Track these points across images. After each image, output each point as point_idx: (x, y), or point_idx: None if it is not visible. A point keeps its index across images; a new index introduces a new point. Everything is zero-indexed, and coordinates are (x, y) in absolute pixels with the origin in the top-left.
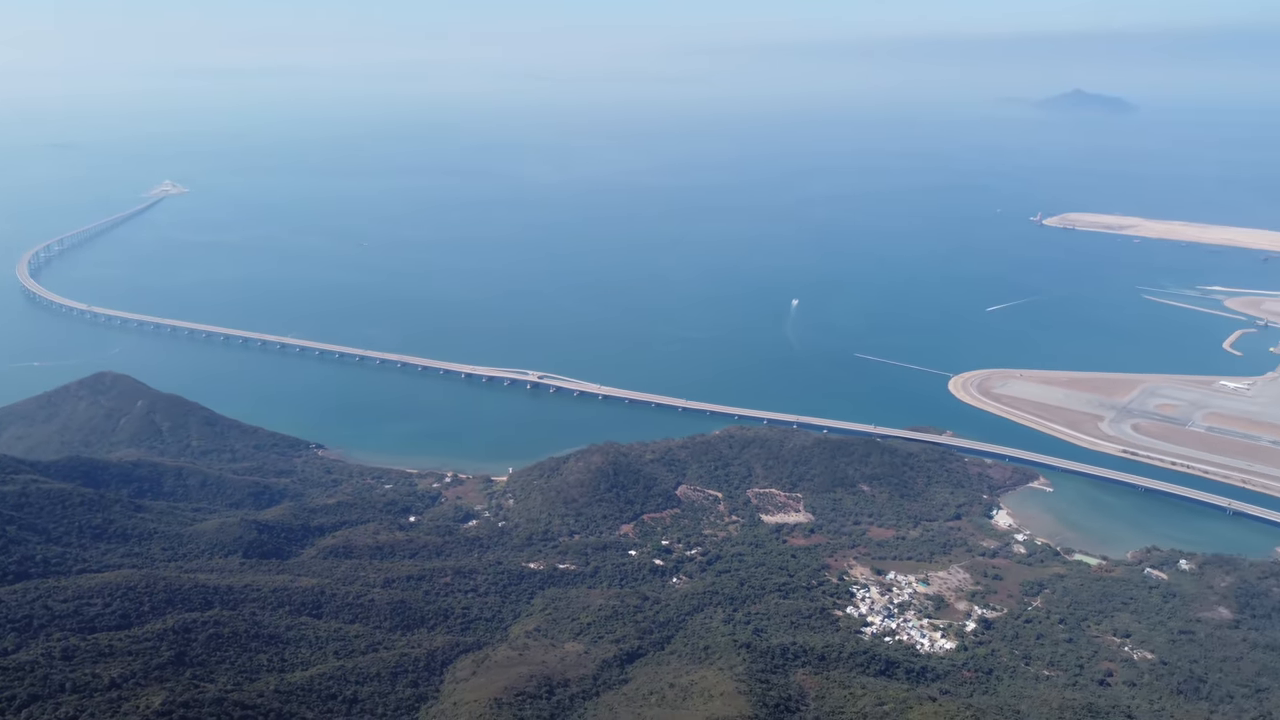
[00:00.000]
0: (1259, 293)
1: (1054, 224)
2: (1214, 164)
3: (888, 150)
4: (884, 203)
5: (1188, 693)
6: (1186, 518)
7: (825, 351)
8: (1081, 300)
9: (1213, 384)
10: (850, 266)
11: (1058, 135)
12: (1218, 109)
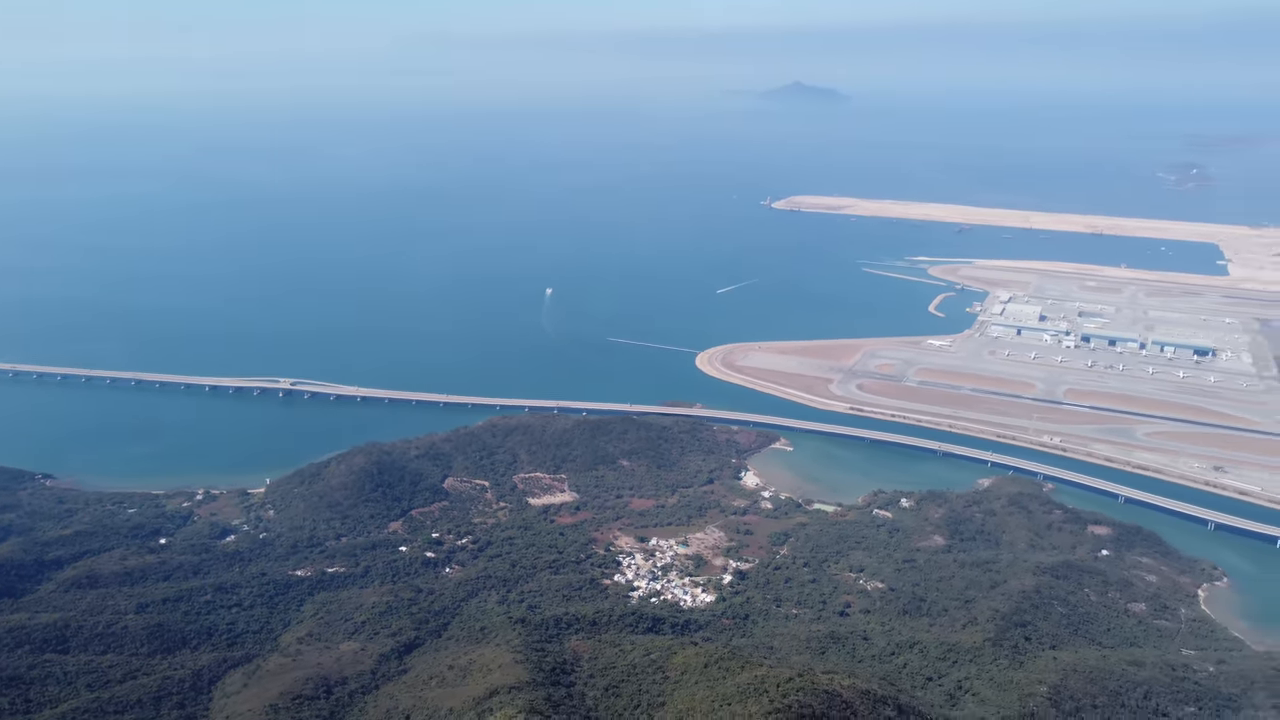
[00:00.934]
0: (955, 260)
1: (782, 207)
2: (915, 148)
3: (627, 142)
4: (626, 192)
5: (912, 611)
6: (906, 462)
7: (580, 337)
8: (809, 275)
9: (922, 343)
10: (600, 255)
11: (781, 125)
12: (916, 98)
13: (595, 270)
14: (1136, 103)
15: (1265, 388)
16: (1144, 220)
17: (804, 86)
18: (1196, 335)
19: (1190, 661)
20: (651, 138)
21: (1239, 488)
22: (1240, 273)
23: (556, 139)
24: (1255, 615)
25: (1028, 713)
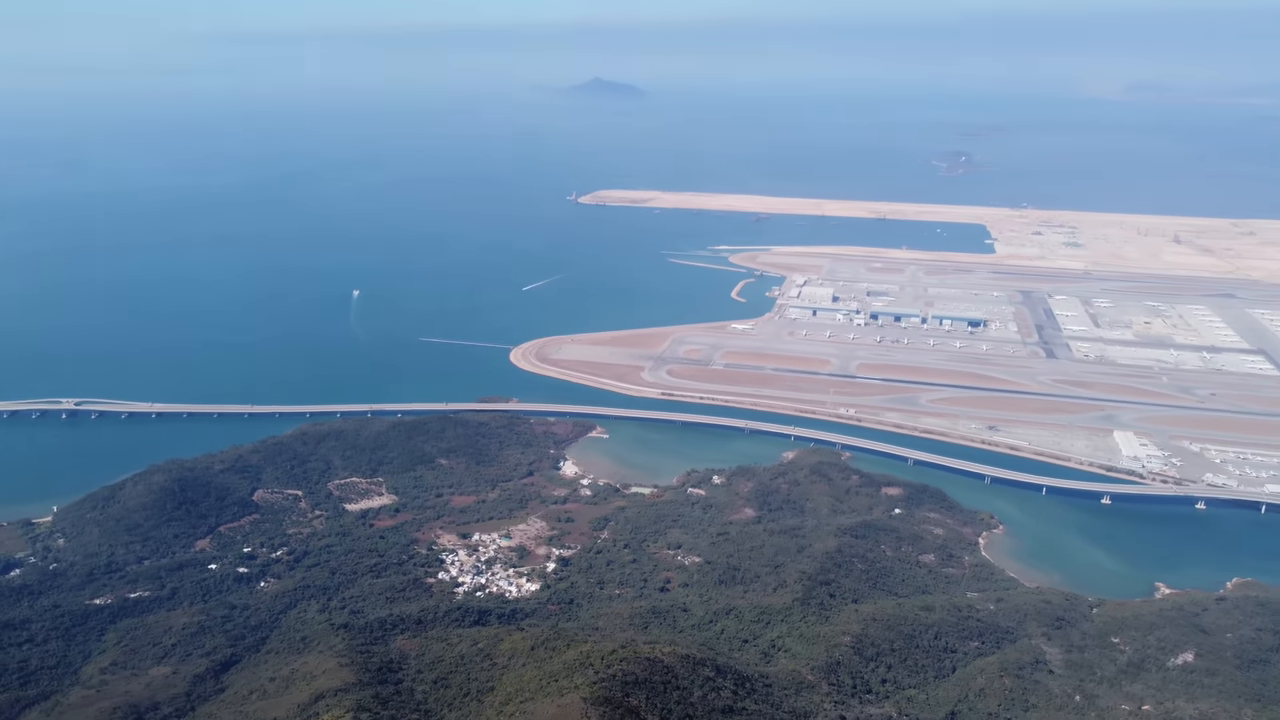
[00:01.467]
0: (754, 248)
1: (588, 201)
2: (712, 141)
3: (428, 139)
4: (429, 190)
5: (727, 581)
6: (716, 441)
7: (392, 338)
8: (617, 267)
9: (726, 328)
10: (406, 254)
11: (584, 120)
12: (711, 94)
13: (403, 270)
14: (911, 95)
15: (1029, 353)
16: (921, 205)
17: (604, 82)
18: (970, 309)
19: (974, 602)
20: (454, 134)
21: (1010, 444)
22: (1005, 250)
23: (353, 136)
24: (1026, 556)
25: (834, 661)
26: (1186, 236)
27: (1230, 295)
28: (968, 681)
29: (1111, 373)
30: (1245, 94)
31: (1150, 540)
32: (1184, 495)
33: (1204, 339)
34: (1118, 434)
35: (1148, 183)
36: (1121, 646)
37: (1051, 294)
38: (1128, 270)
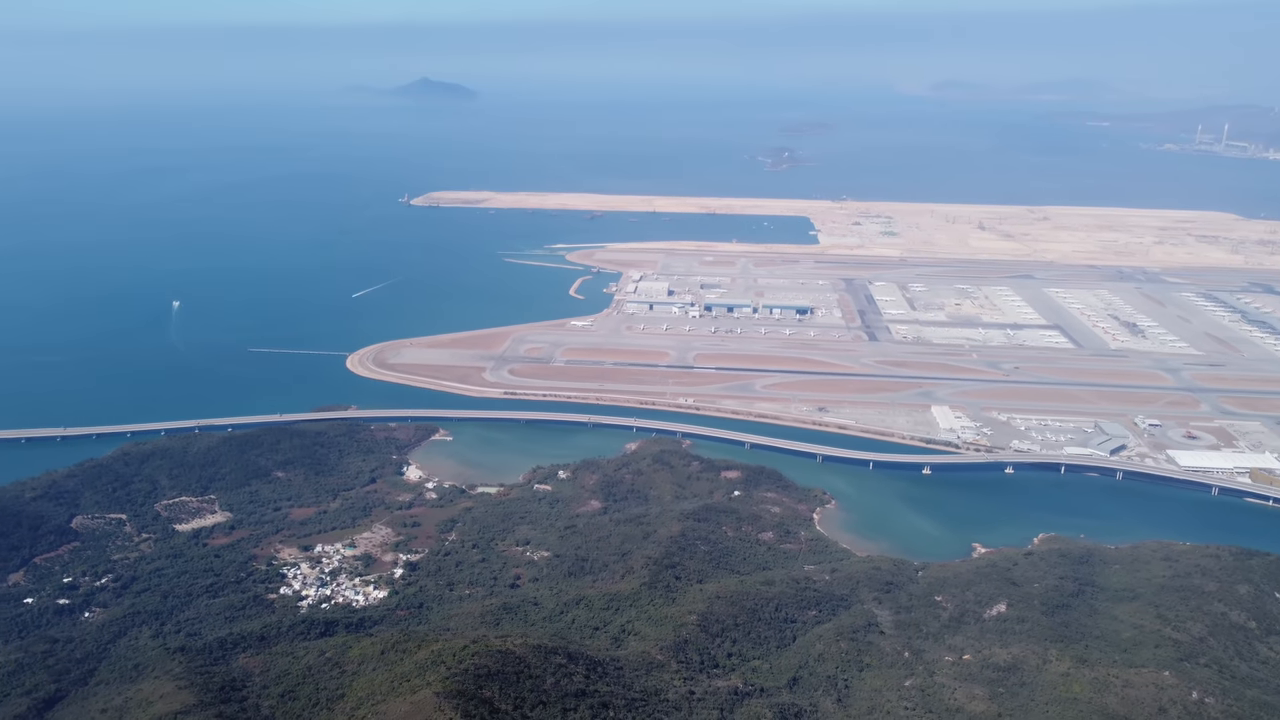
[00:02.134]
0: (590, 245)
1: (421, 203)
2: (546, 140)
3: (243, 144)
4: (252, 196)
5: (577, 573)
6: (561, 436)
7: (218, 350)
8: (453, 269)
9: (565, 325)
10: (230, 263)
11: (413, 121)
12: (542, 93)
13: (227, 279)
14: (738, 95)
15: (852, 337)
16: (749, 200)
17: (432, 82)
18: (798, 297)
19: (811, 574)
20: (276, 138)
21: (839, 423)
22: (828, 240)
23: (166, 144)
24: (857, 527)
25: (682, 640)
26: (989, 223)
27: (1029, 276)
28: (807, 648)
29: (928, 352)
30: (1040, 90)
31: (967, 505)
32: (994, 461)
33: (1007, 317)
34: (935, 409)
35: (955, 174)
36: (944, 604)
37: (872, 280)
38: (939, 256)
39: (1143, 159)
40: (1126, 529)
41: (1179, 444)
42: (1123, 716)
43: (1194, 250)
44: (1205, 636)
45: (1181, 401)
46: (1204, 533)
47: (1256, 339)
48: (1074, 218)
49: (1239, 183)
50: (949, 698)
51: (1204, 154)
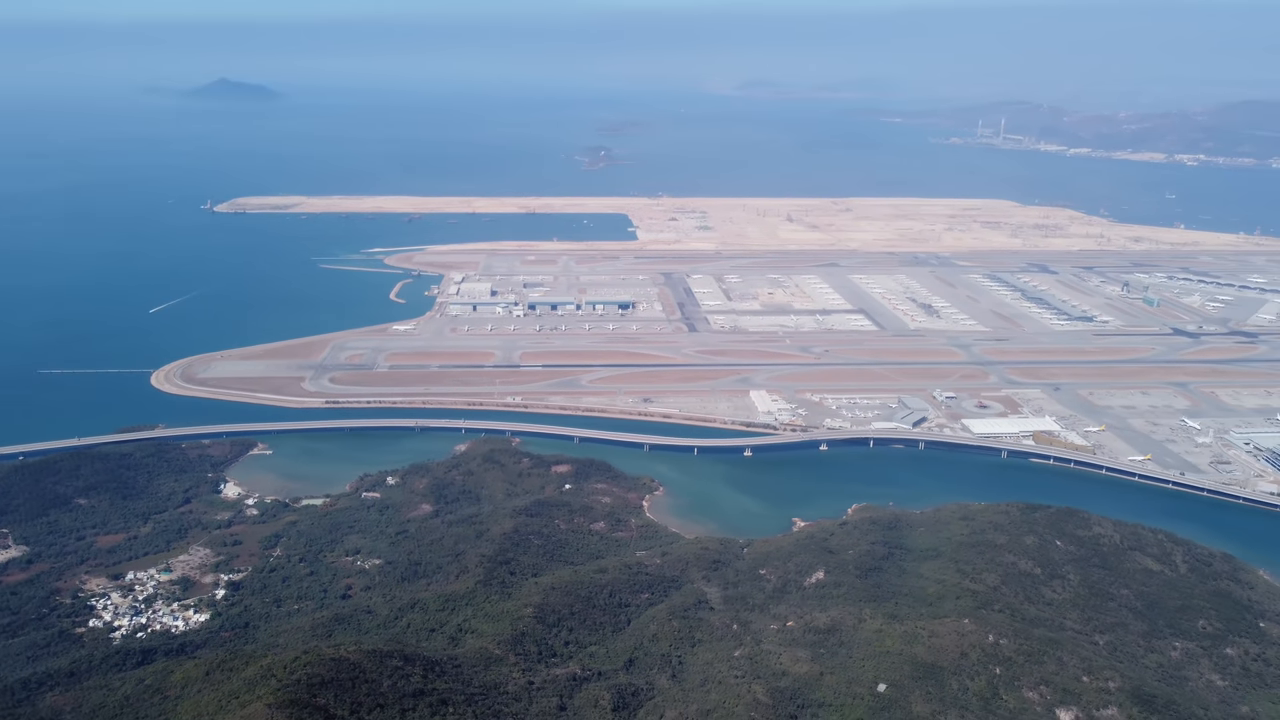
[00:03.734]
0: (409, 248)
1: (225, 210)
2: (359, 142)
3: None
4: (39, 208)
5: (410, 577)
6: (388, 443)
7: (3, 374)
8: (265, 277)
9: (387, 330)
10: (17, 281)
11: (213, 123)
12: (353, 93)
13: (10, 299)
14: (554, 95)
15: (673, 329)
16: (568, 198)
17: (231, 83)
18: (619, 292)
19: (642, 559)
20: (58, 143)
21: (663, 412)
22: (646, 236)
23: None
24: (685, 512)
25: (519, 633)
26: (797, 215)
27: (835, 264)
28: (641, 629)
29: (745, 340)
30: (838, 89)
31: (786, 482)
32: (810, 440)
33: (816, 304)
34: (753, 393)
35: (763, 169)
36: (768, 576)
37: (690, 274)
38: (751, 248)
39: (932, 152)
40: (929, 494)
41: (972, 413)
42: (930, 663)
43: (979, 235)
44: (999, 585)
45: (973, 374)
46: (996, 492)
47: (1035, 314)
48: (874, 208)
49: (1016, 172)
50: (775, 662)
51: (985, 147)
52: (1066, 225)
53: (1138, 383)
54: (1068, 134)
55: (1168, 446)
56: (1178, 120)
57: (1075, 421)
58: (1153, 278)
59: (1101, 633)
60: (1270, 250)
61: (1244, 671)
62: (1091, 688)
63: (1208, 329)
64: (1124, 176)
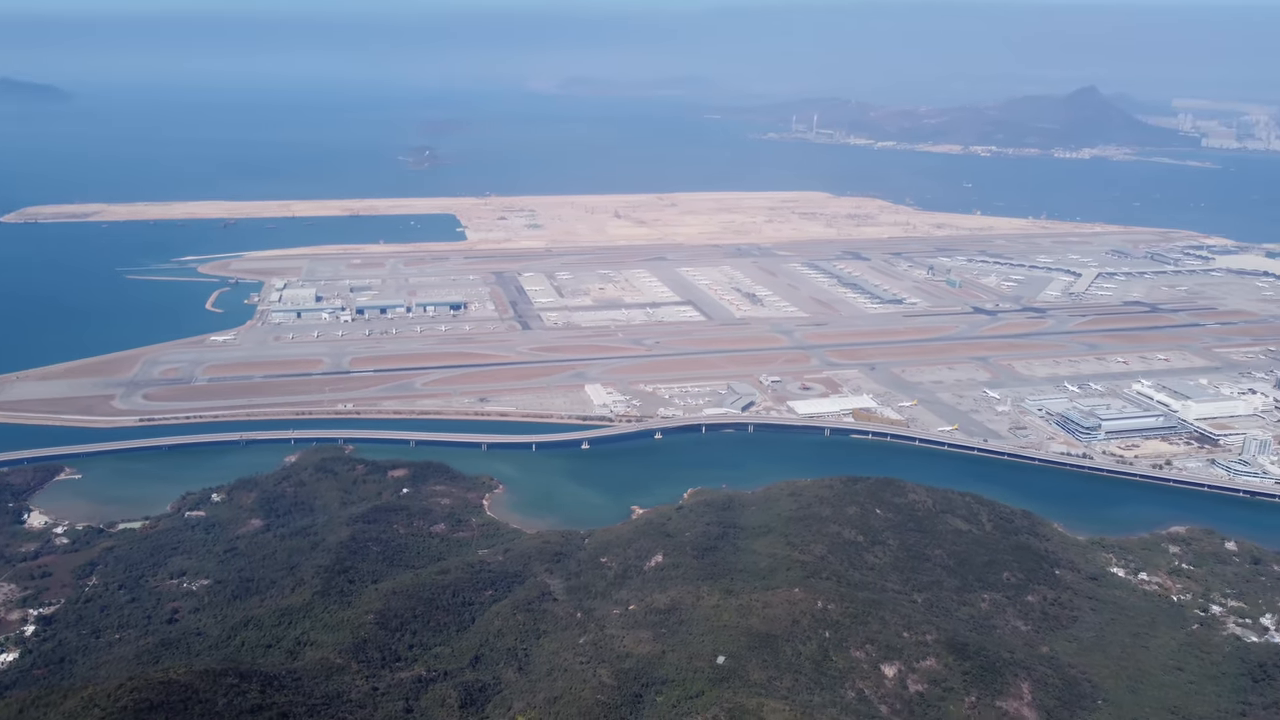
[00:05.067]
0: (226, 255)
1: (14, 220)
2: (165, 145)
3: None
4: None
5: (243, 595)
6: (212, 458)
7: None
8: (62, 291)
9: (205, 341)
10: None
11: None
12: (154, 93)
13: None
14: (375, 94)
15: (507, 328)
16: (393, 199)
17: (13, 83)
18: (450, 293)
19: (485, 558)
20: None
21: (500, 411)
22: (475, 236)
23: None
24: (526, 508)
25: (361, 640)
26: (625, 211)
27: (662, 258)
28: (486, 626)
29: (578, 335)
30: (659, 86)
31: (624, 472)
32: (645, 430)
33: (646, 297)
34: (588, 387)
35: (590, 166)
36: (609, 564)
37: (521, 272)
38: (581, 245)
39: (751, 147)
40: (760, 474)
41: (796, 395)
42: (764, 633)
43: (797, 226)
44: (825, 555)
45: (796, 358)
46: (821, 468)
47: (850, 299)
48: (698, 202)
49: (829, 165)
50: (619, 645)
51: (800, 141)
52: (876, 214)
53: (944, 359)
54: (875, 128)
55: (972, 416)
56: (972, 115)
57: (890, 398)
58: (954, 261)
59: (919, 591)
60: (1055, 233)
61: (1044, 615)
62: (911, 642)
63: (1004, 307)
64: (926, 167)
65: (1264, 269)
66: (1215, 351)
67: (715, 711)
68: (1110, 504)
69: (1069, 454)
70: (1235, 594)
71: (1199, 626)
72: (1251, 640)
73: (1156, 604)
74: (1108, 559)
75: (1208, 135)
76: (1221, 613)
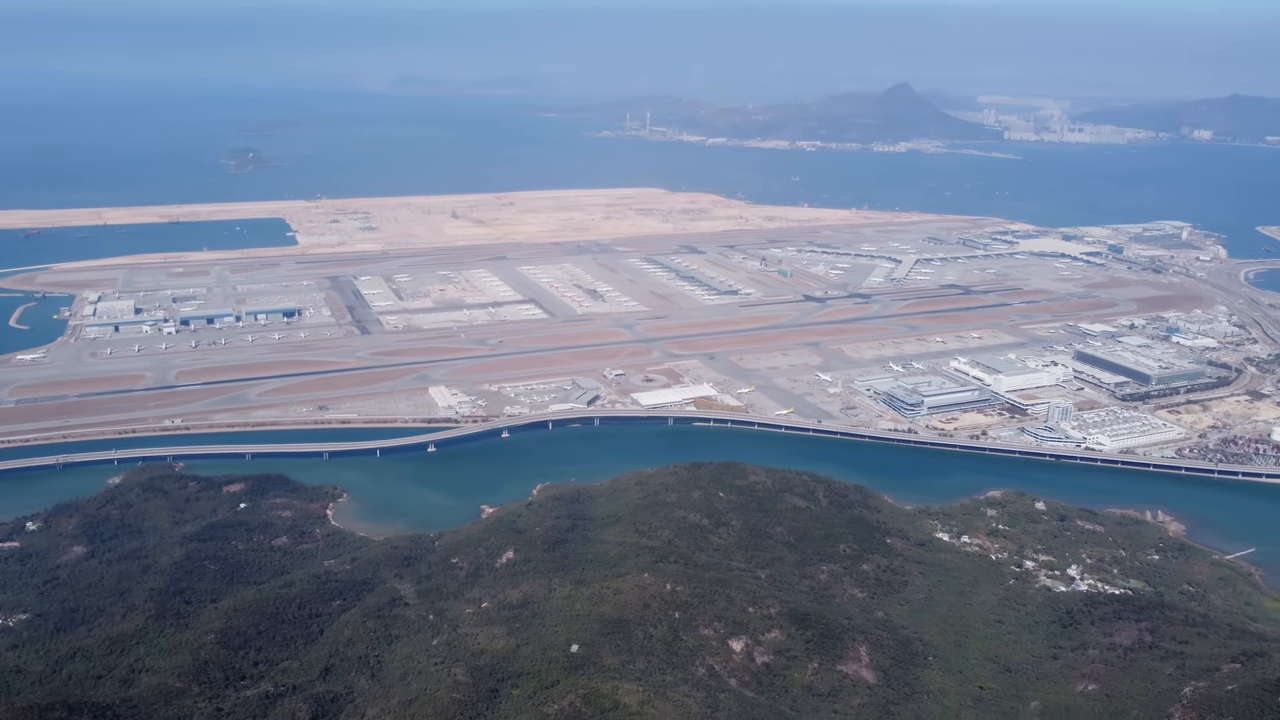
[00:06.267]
0: (30, 269)
1: None
2: None
3: None
4: None
5: (67, 627)
6: (24, 485)
7: None
8: None
9: (10, 361)
10: None
11: None
12: None
13: None
14: (186, 92)
15: (344, 333)
16: (216, 205)
17: None
18: (283, 300)
19: (331, 568)
20: None
21: (342, 418)
22: (307, 240)
23: None
24: (372, 515)
25: (202, 662)
26: (462, 211)
27: (503, 257)
28: (336, 636)
29: (420, 338)
30: (494, 85)
31: (472, 473)
32: (491, 429)
33: (488, 297)
34: (432, 390)
35: (426, 167)
36: (461, 564)
37: (357, 276)
38: (419, 246)
39: (587, 145)
40: (608, 466)
41: (640, 387)
42: (616, 619)
43: (635, 222)
44: (672, 539)
45: (638, 351)
46: (666, 456)
47: (688, 292)
48: (536, 201)
49: (664, 162)
50: (473, 643)
51: (635, 139)
52: (710, 209)
53: (779, 345)
54: (706, 125)
55: (806, 399)
56: (796, 111)
57: (729, 385)
58: (785, 252)
59: (763, 568)
60: (877, 223)
61: (878, 582)
62: (757, 616)
63: (832, 294)
64: (756, 162)
65: (1061, 251)
66: (1021, 328)
67: (571, 699)
68: (934, 474)
69: (896, 430)
70: (1045, 549)
71: (1015, 581)
72: (1060, 590)
73: (978, 564)
74: (933, 525)
75: (1009, 129)
76: (1034, 567)
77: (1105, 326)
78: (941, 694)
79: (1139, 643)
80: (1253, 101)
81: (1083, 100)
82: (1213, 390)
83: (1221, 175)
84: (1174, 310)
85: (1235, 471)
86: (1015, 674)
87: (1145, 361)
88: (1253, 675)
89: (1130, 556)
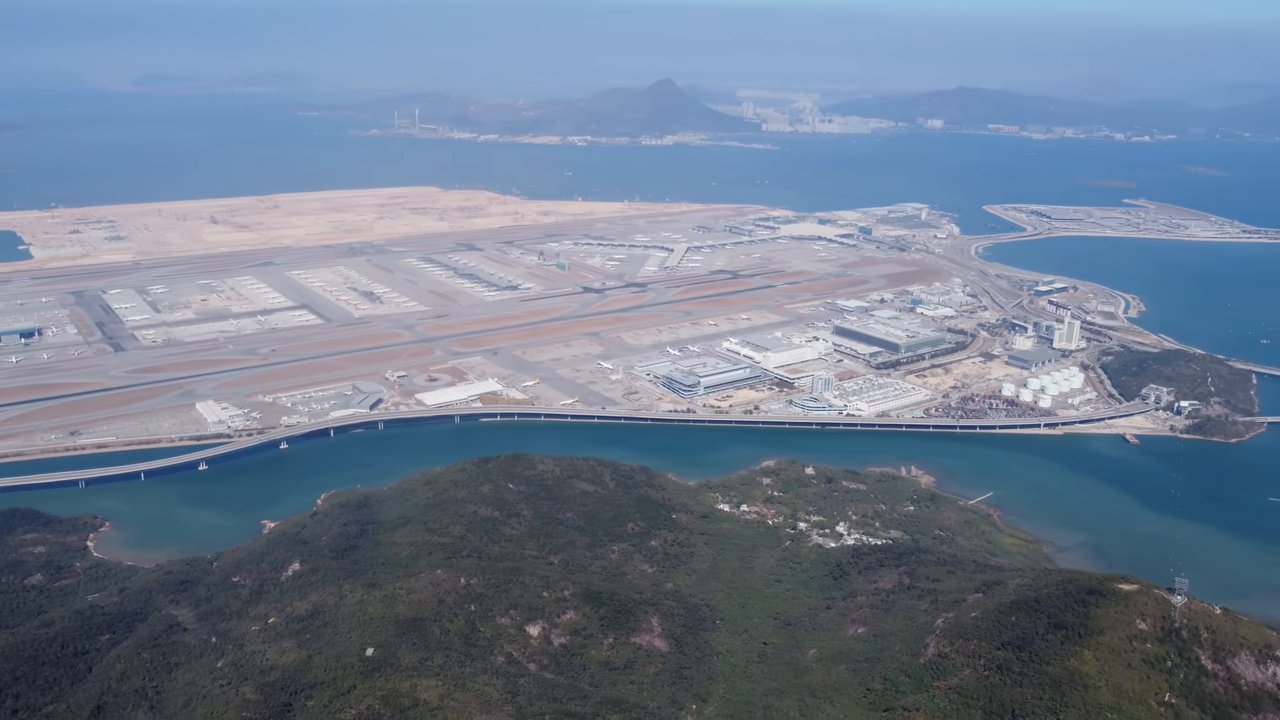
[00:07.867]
0: None
1: None
2: None
3: None
4: None
5: None
6: None
7: None
8: None
9: None
10: None
11: None
12: None
13: None
14: None
15: (95, 351)
16: None
17: None
18: (19, 319)
19: (97, 601)
20: None
21: (98, 442)
22: (44, 254)
23: None
24: (140, 542)
25: None
26: (222, 216)
27: (270, 263)
28: (107, 671)
29: (182, 352)
30: (249, 83)
31: (250, 488)
32: (269, 441)
33: (257, 304)
34: (200, 405)
35: (177, 171)
36: (243, 582)
37: (106, 289)
38: (175, 255)
39: (354, 144)
40: (395, 469)
41: (424, 387)
42: (411, 618)
43: (410, 221)
44: (464, 534)
45: (420, 351)
46: (454, 454)
47: (468, 289)
48: (303, 203)
49: (436, 159)
50: (261, 660)
51: (404, 137)
52: (486, 205)
53: (560, 337)
54: (477, 122)
55: (590, 388)
56: (566, 107)
57: (514, 379)
58: (562, 245)
59: (555, 553)
60: (648, 214)
61: (666, 556)
62: (551, 600)
63: (610, 284)
64: (529, 158)
65: (818, 234)
66: (786, 308)
67: (369, 701)
68: (713, 449)
69: (676, 411)
70: (816, 510)
71: (790, 543)
72: (830, 546)
73: (757, 529)
74: (715, 498)
75: (767, 121)
76: (807, 528)
77: (859, 302)
78: (730, 653)
79: (899, 585)
80: (975, 93)
81: (831, 94)
82: (952, 355)
83: (952, 160)
84: (917, 284)
85: (974, 426)
86: (795, 627)
87: (894, 332)
88: (992, 601)
89: (889, 509)
